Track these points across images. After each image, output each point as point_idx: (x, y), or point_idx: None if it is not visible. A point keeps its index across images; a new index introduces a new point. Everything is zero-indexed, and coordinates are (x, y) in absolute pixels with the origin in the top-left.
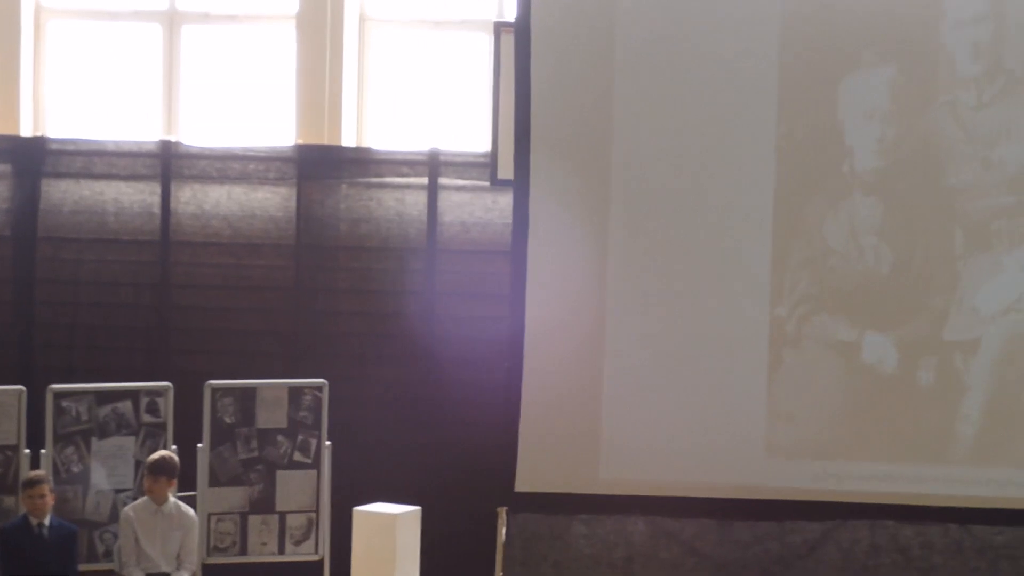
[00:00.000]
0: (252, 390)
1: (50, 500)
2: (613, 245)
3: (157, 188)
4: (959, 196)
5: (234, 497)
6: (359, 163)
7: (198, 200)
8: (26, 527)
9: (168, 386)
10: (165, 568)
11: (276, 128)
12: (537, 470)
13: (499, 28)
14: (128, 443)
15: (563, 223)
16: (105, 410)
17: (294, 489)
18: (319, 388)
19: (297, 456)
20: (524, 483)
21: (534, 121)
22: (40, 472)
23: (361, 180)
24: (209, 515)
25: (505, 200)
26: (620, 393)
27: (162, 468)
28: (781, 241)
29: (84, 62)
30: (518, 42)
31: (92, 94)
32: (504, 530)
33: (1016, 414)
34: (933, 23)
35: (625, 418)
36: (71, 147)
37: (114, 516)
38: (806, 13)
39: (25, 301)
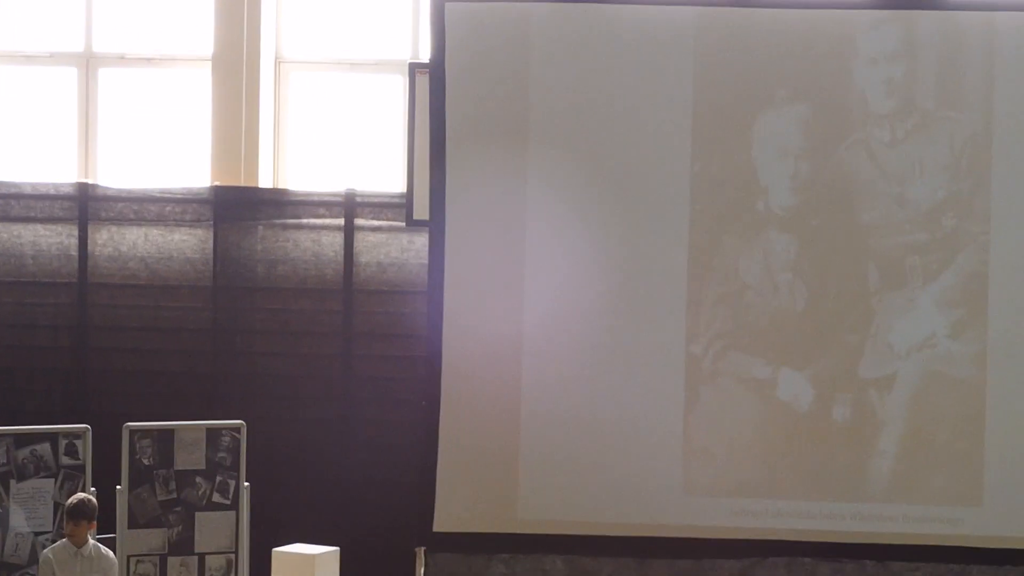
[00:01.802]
0: (170, 432)
1: None
2: (528, 285)
3: (74, 230)
4: (873, 233)
5: (153, 539)
6: (275, 204)
7: (115, 242)
8: None
9: (86, 428)
10: None
11: (192, 170)
12: (455, 510)
13: (414, 69)
14: (47, 485)
15: (479, 261)
16: (24, 452)
17: (213, 530)
18: (237, 429)
19: (216, 497)
20: (442, 523)
21: (449, 162)
22: None
23: (278, 221)
24: (128, 557)
25: (421, 240)
26: (537, 432)
27: (82, 512)
28: (696, 278)
29: (1, 104)
30: (433, 83)
31: (8, 137)
32: (423, 570)
33: (931, 450)
34: (846, 61)
35: (543, 457)
36: None
37: (33, 559)
38: (719, 52)
39: None
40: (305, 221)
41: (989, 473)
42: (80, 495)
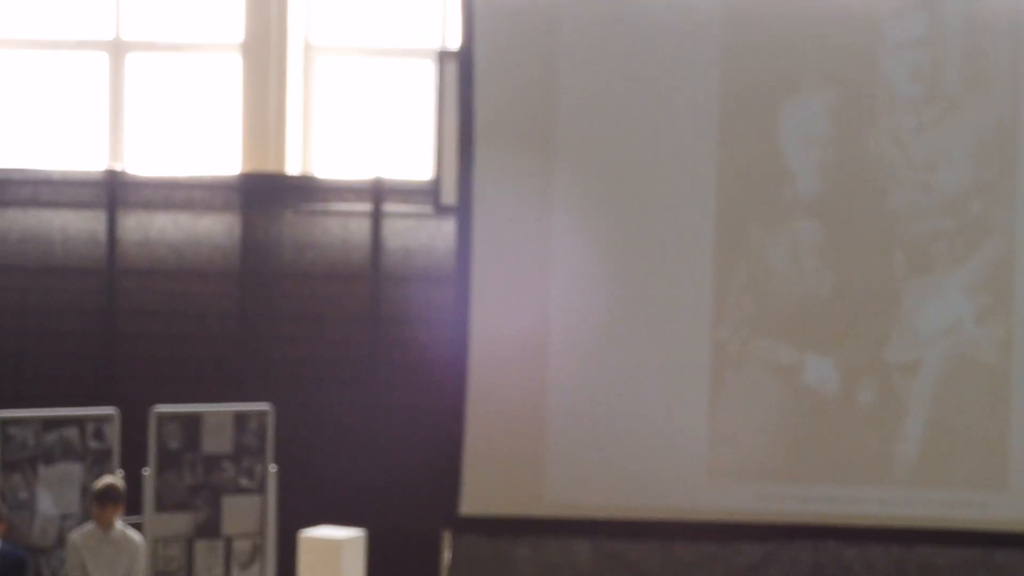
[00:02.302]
0: (197, 416)
1: (0, 527)
2: (557, 271)
3: (103, 216)
4: (899, 219)
5: (180, 522)
6: (303, 190)
7: (144, 228)
8: None
9: (114, 413)
10: None
11: (221, 156)
12: (482, 493)
13: (443, 56)
14: (74, 469)
15: (506, 248)
16: (51, 437)
17: (240, 514)
18: (264, 413)
19: (242, 481)
20: (469, 506)
21: (477, 148)
22: None
23: (305, 207)
24: (155, 540)
25: (449, 226)
26: (564, 416)
27: (109, 495)
28: (723, 265)
29: (31, 91)
30: (461, 70)
31: (39, 124)
32: (449, 553)
33: (956, 435)
34: (872, 48)
35: (569, 441)
36: (18, 176)
37: (61, 542)
38: (746, 40)
39: None
40: (333, 207)
41: (1014, 457)
42: (107, 478)
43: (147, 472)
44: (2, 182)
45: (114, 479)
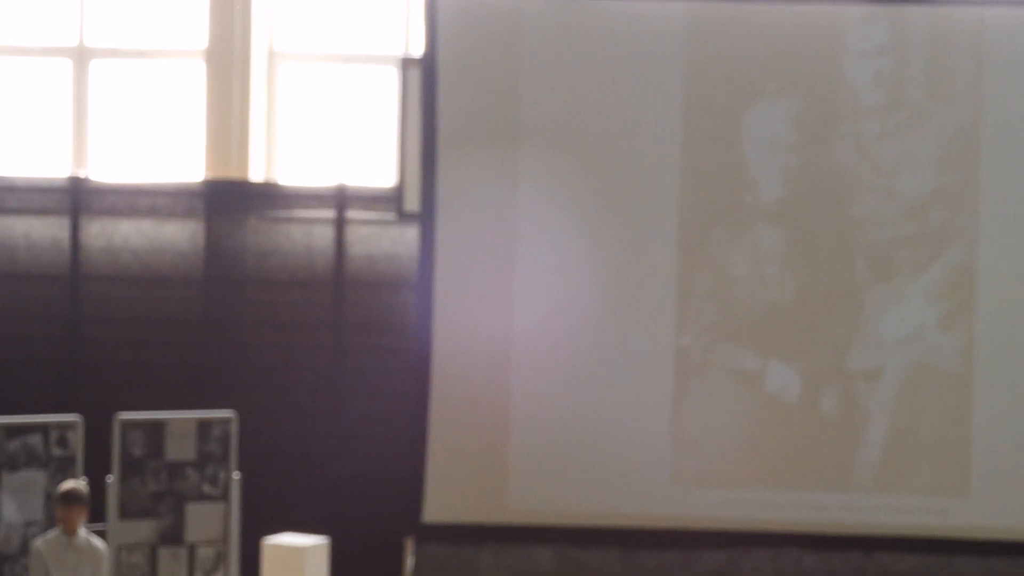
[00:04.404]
0: (161, 423)
1: None
2: (520, 277)
3: (67, 223)
4: (862, 226)
5: (144, 529)
6: (267, 197)
7: (108, 235)
8: None
9: (77, 420)
10: None
11: (185, 163)
12: (445, 500)
13: (406, 63)
14: (38, 476)
15: (470, 255)
16: (15, 443)
17: (203, 521)
18: (227, 420)
19: (206, 488)
20: (432, 513)
21: (440, 155)
22: None
23: (269, 214)
24: (119, 548)
25: (412, 233)
26: (528, 423)
27: (74, 497)
28: (686, 271)
29: None
30: (424, 77)
31: (2, 130)
32: (412, 560)
33: (918, 442)
34: (835, 54)
35: (533, 448)
36: None
37: (24, 549)
38: (710, 46)
39: None
40: (296, 214)
41: (976, 465)
42: (71, 481)
43: (111, 479)
44: None
45: (78, 482)
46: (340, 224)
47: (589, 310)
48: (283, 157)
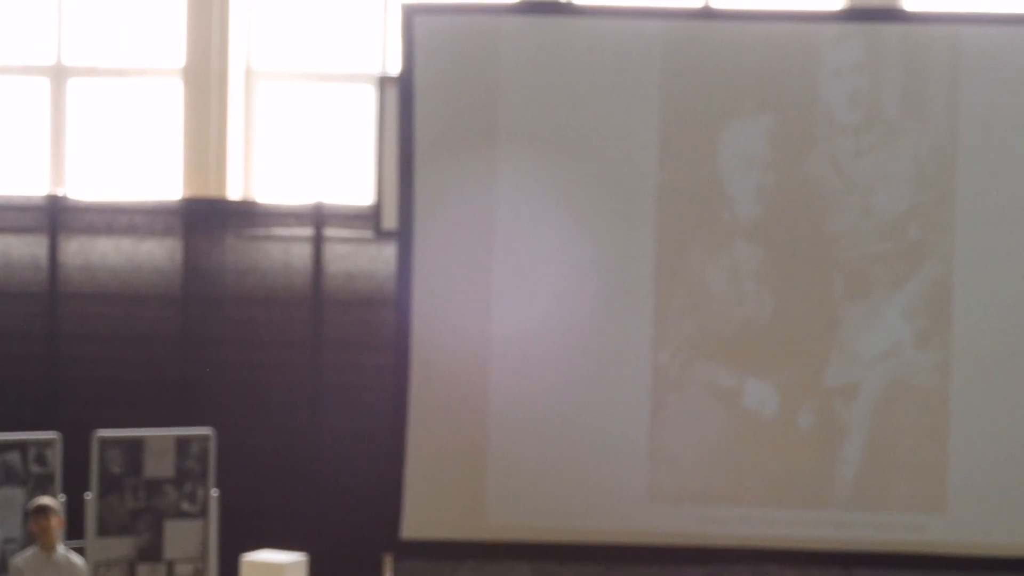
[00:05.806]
0: (140, 440)
1: None
2: (497, 295)
3: (45, 241)
4: (838, 243)
5: (122, 546)
6: (245, 215)
7: (85, 253)
8: None
9: (56, 437)
10: None
11: (163, 181)
12: (423, 517)
13: (383, 81)
14: (16, 494)
15: (447, 273)
16: None
17: (182, 538)
18: (206, 438)
19: (184, 505)
20: (410, 529)
21: (417, 173)
22: None
23: (247, 232)
24: (97, 564)
25: (390, 251)
26: (505, 440)
27: (46, 507)
28: (664, 288)
29: None
30: (401, 95)
31: None
32: None
33: (895, 458)
34: (811, 72)
35: (510, 465)
36: None
37: (3, 566)
38: (686, 64)
39: None
40: (274, 232)
41: (953, 481)
42: (39, 497)
43: (89, 496)
44: None
45: (46, 497)
46: (318, 242)
47: (567, 328)
48: (261, 175)
